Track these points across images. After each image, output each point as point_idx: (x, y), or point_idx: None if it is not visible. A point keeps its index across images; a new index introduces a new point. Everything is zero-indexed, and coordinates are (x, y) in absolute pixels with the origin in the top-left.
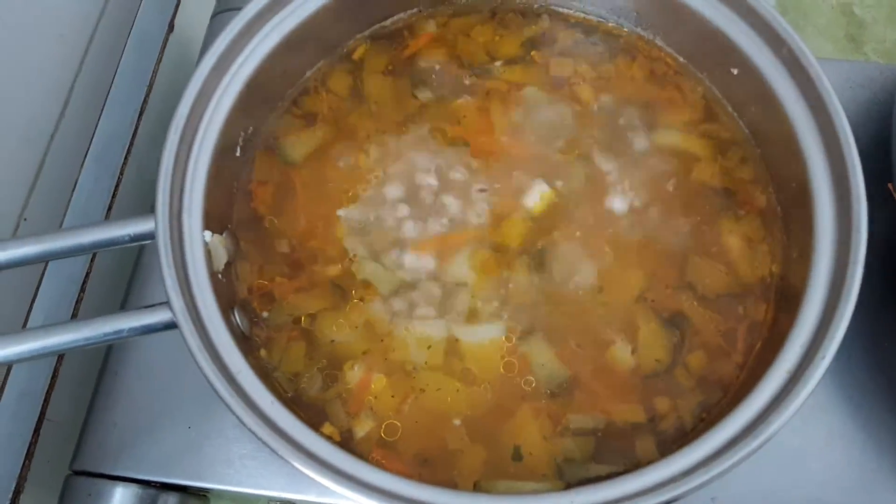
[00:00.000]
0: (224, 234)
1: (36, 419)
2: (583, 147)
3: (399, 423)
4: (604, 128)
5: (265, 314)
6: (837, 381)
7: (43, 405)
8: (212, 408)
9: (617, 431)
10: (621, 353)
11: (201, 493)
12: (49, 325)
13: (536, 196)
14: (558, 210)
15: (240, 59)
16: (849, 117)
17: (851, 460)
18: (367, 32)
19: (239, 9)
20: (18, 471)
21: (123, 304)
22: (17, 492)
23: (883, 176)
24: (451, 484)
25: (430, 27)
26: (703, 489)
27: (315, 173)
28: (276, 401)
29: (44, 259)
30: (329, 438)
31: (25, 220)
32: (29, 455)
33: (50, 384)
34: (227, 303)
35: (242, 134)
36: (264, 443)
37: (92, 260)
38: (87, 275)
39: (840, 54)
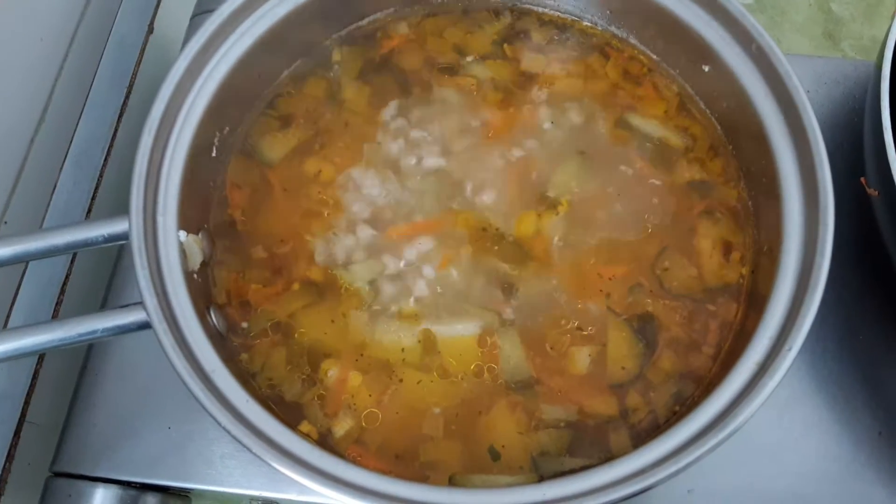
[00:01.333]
0: (199, 234)
1: (16, 421)
2: (559, 144)
3: (376, 421)
4: (578, 126)
5: (245, 324)
6: (813, 374)
7: (23, 407)
8: (192, 408)
9: (591, 425)
10: (583, 357)
11: (183, 494)
12: (24, 326)
13: (503, 197)
14: (533, 209)
15: (214, 61)
16: (823, 113)
17: (827, 452)
18: (343, 33)
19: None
20: None
21: (103, 306)
22: None
23: (857, 170)
24: (426, 480)
25: (404, 28)
26: (680, 482)
27: (290, 176)
28: (251, 399)
29: (19, 260)
30: (306, 436)
31: (6, 223)
32: (9, 457)
33: (30, 386)
34: (202, 302)
35: (218, 134)
36: (237, 440)
37: (72, 262)
38: (67, 276)
39: (817, 51)
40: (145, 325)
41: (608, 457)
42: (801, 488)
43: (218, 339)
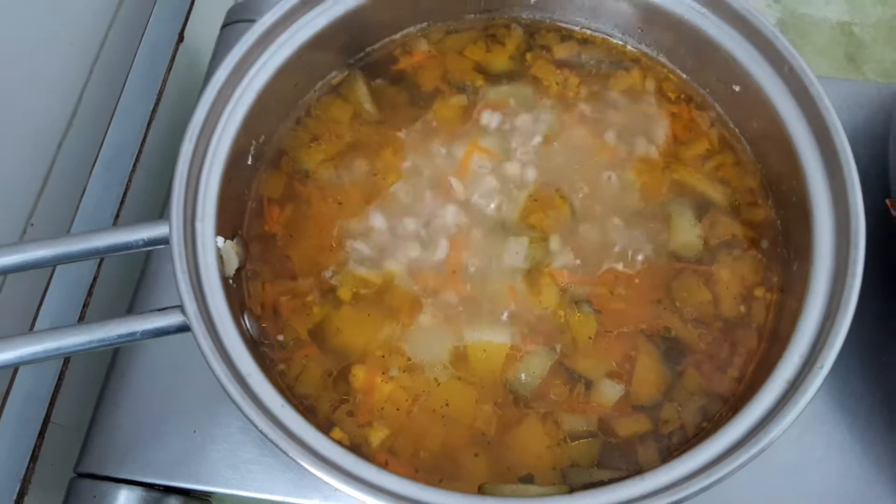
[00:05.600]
0: (235, 240)
1: (41, 422)
2: (582, 165)
3: (405, 430)
4: (607, 146)
5: (280, 337)
6: (835, 394)
7: (48, 408)
8: (218, 412)
9: (619, 439)
10: (609, 389)
11: (204, 497)
12: (64, 327)
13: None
14: (561, 231)
15: (253, 71)
16: (846, 135)
17: (849, 472)
18: (376, 45)
19: (248, 20)
20: (23, 473)
21: (130, 310)
22: (22, 494)
23: (880, 192)
24: (457, 488)
25: (437, 43)
26: (701, 501)
27: (323, 186)
28: (286, 403)
29: (58, 262)
30: (338, 443)
31: (32, 224)
32: (33, 457)
33: (55, 387)
34: (237, 307)
35: (254, 143)
36: (274, 443)
37: (99, 266)
38: (94, 280)
39: (839, 73)
40: (182, 329)
41: (636, 469)
42: None
43: (252, 345)
